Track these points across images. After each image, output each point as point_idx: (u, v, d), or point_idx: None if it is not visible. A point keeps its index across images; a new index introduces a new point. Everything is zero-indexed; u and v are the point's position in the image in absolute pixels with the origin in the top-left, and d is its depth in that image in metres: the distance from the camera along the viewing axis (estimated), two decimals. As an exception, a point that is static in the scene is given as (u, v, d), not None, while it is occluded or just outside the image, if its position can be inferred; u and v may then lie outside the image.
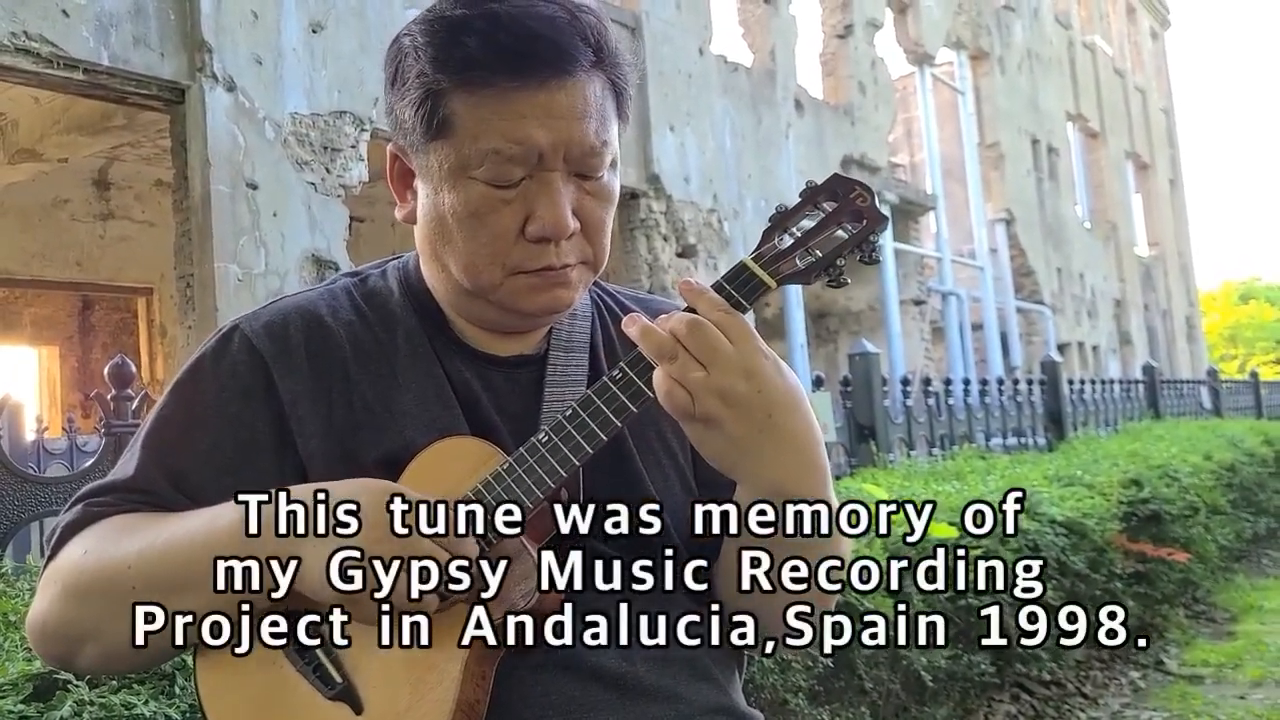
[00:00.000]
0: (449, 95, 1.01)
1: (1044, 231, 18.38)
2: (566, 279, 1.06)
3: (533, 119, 1.00)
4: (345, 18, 7.30)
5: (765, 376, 0.94)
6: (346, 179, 7.17)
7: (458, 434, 1.06)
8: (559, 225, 1.02)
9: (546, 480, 0.98)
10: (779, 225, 0.99)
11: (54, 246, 10.16)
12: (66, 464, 5.58)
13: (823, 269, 0.98)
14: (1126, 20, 25.87)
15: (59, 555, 1.05)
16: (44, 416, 9.51)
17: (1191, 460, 5.54)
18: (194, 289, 6.39)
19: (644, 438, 1.12)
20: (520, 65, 0.99)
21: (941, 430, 5.57)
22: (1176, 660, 4.42)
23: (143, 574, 0.99)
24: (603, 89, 1.05)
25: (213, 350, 1.10)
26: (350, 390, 1.08)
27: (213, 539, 0.98)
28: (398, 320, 1.12)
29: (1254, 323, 47.07)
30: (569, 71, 1.01)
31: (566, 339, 1.15)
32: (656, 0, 10.29)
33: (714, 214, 10.59)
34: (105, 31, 5.95)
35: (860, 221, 0.98)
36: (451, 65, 1.01)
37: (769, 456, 0.95)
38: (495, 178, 1.02)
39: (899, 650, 2.76)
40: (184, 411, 1.09)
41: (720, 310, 0.94)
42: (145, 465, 1.07)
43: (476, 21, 1.00)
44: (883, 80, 13.95)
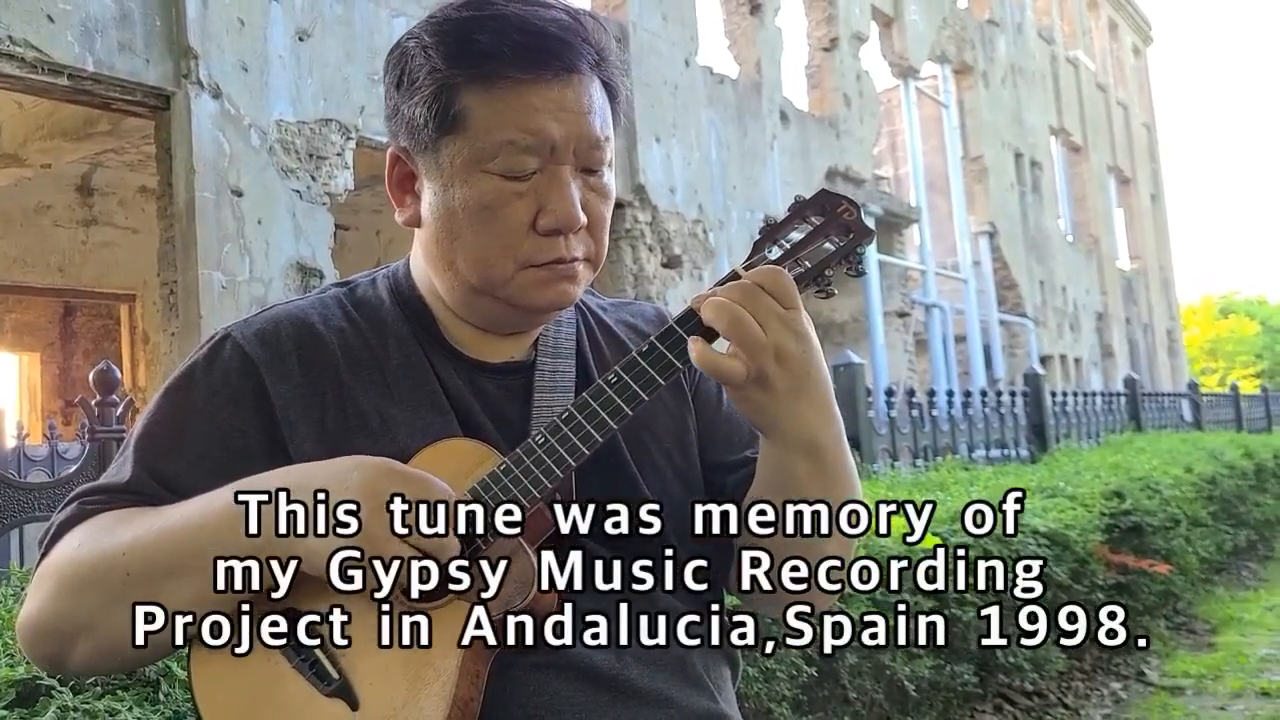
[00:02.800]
0: (462, 90, 1.04)
1: (1027, 244, 18.48)
2: (574, 273, 1.08)
3: (545, 112, 1.03)
4: (332, 25, 7.30)
5: (809, 338, 0.99)
6: (332, 187, 7.16)
7: (453, 436, 1.07)
8: (570, 217, 1.05)
9: (543, 480, 0.99)
10: (768, 237, 1.03)
11: (36, 252, 10.10)
12: (47, 471, 5.54)
13: (811, 279, 1.02)
14: (1109, 36, 26.08)
15: (52, 552, 1.05)
16: (25, 423, 9.44)
17: (1173, 472, 5.57)
18: (177, 296, 6.36)
19: (638, 441, 1.14)
20: (532, 60, 1.03)
21: (925, 442, 5.58)
22: (1157, 671, 4.44)
23: (137, 559, 0.99)
24: (601, 91, 1.09)
25: (204, 357, 1.11)
26: (343, 397, 1.09)
27: (207, 525, 0.98)
28: (389, 328, 1.13)
29: (1234, 336, 47.40)
30: (576, 69, 1.05)
31: (553, 346, 1.16)
32: (643, 12, 10.32)
33: (699, 224, 10.61)
34: (90, 37, 5.93)
35: (847, 235, 1.02)
36: (465, 60, 1.03)
37: (803, 410, 1.00)
38: (509, 169, 1.04)
39: (882, 659, 2.77)
40: (176, 417, 1.09)
41: (770, 275, 0.98)
42: (137, 469, 1.07)
43: (486, 21, 1.03)
44: (868, 93, 14.02)
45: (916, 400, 5.70)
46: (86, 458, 2.47)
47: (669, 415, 1.19)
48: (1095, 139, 23.19)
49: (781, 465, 1.04)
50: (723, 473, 1.19)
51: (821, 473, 1.04)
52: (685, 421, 1.20)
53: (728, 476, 1.19)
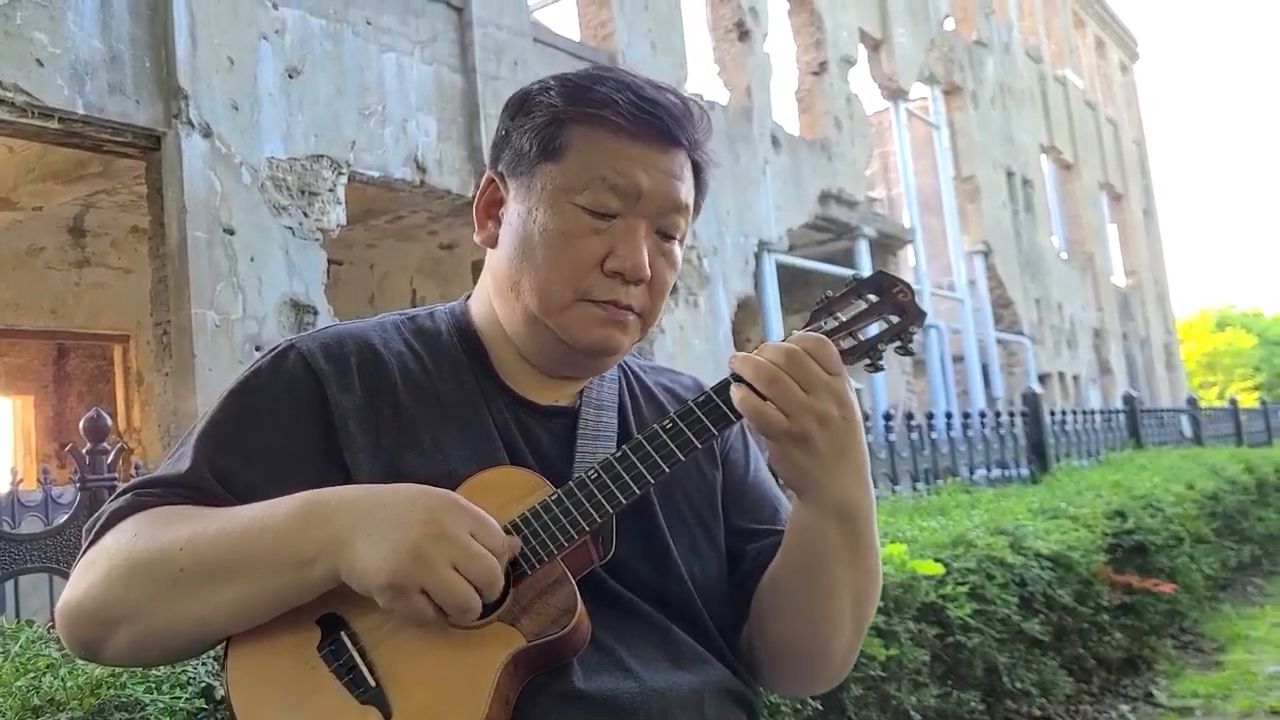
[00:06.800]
0: (572, 124, 1.12)
1: (1021, 262, 18.51)
2: (625, 321, 1.14)
3: (640, 164, 1.12)
4: (322, 62, 7.32)
5: (852, 405, 1.04)
6: (324, 222, 7.16)
7: (504, 464, 1.11)
8: (638, 265, 1.11)
9: (593, 514, 1.03)
10: (825, 310, 1.08)
11: (28, 295, 10.07)
12: (41, 517, 5.50)
13: (864, 353, 1.07)
14: (1096, 54, 26.25)
15: (104, 538, 1.06)
16: (18, 467, 9.41)
17: (1174, 490, 5.54)
18: (171, 336, 6.34)
19: (668, 498, 1.18)
20: (641, 119, 1.11)
21: (925, 464, 5.55)
22: (1166, 692, 4.39)
23: (193, 557, 1.01)
24: (691, 172, 1.17)
25: (269, 363, 1.15)
26: (399, 415, 1.12)
27: (268, 529, 1.01)
28: (445, 357, 1.19)
29: (1231, 349, 47.44)
30: (678, 142, 1.14)
31: (597, 398, 1.21)
32: (632, 40, 10.37)
33: (693, 251, 10.62)
34: (80, 80, 5.94)
35: (901, 315, 1.08)
36: (581, 101, 1.12)
37: (840, 476, 1.05)
38: (594, 204, 1.11)
39: (888, 689, 2.73)
40: (238, 416, 1.13)
41: (814, 341, 1.03)
42: (197, 463, 1.10)
43: (609, 78, 1.14)
44: (858, 115, 14.07)
45: (916, 423, 5.67)
46: (78, 507, 2.44)
47: (700, 476, 1.24)
48: (1086, 156, 23.29)
49: (814, 529, 1.08)
50: (742, 539, 1.23)
51: (853, 540, 1.09)
52: (714, 483, 1.25)
53: (747, 544, 1.23)
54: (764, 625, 1.17)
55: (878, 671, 2.61)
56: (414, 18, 8.12)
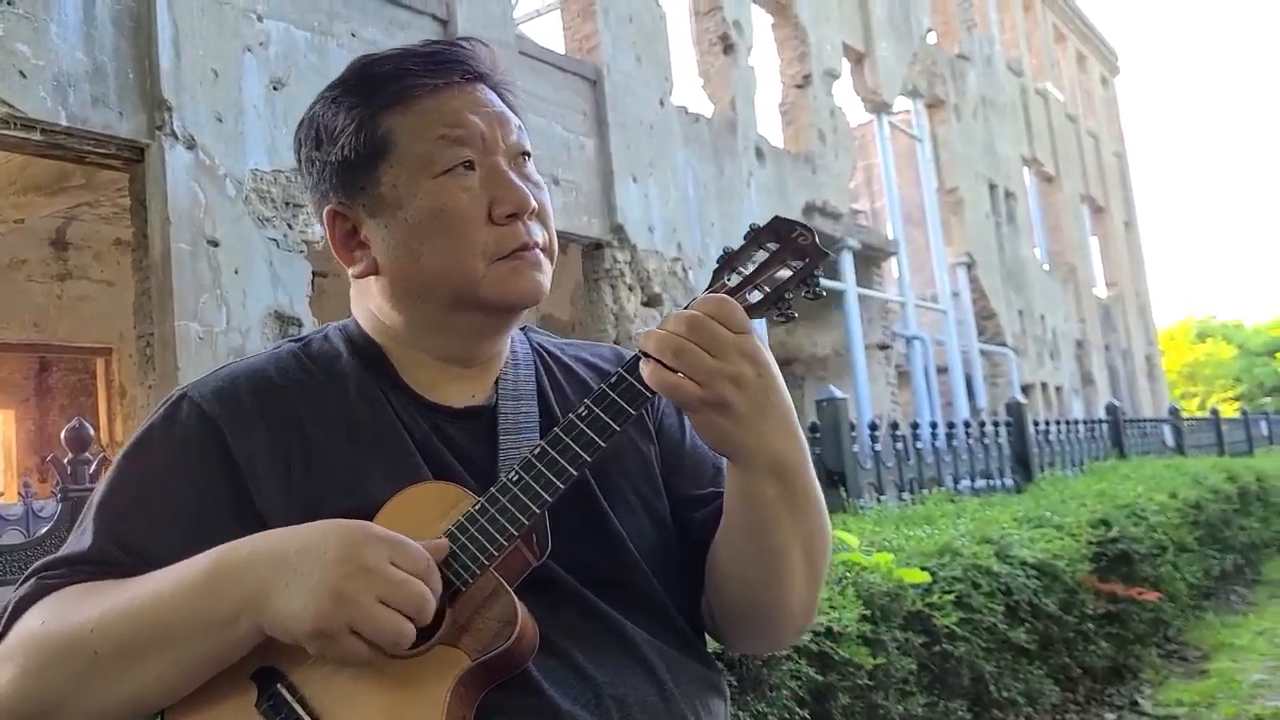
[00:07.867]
0: (382, 113, 1.09)
1: (1004, 274, 18.60)
2: (539, 261, 1.11)
3: (464, 109, 1.09)
4: (306, 74, 7.31)
5: (766, 361, 1.00)
6: (309, 234, 7.14)
7: (424, 481, 1.05)
8: (522, 198, 1.09)
9: (520, 518, 0.99)
10: (726, 265, 1.05)
11: (10, 308, 10.02)
12: (22, 530, 5.46)
13: (772, 304, 1.03)
14: (1077, 67, 26.44)
15: (13, 631, 1.01)
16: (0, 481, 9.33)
17: (1158, 499, 5.56)
18: (154, 348, 6.31)
19: (607, 478, 1.14)
20: (439, 69, 1.10)
21: (910, 474, 5.56)
22: (1151, 701, 4.41)
23: (106, 636, 0.96)
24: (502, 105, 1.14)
25: (161, 419, 1.10)
26: (309, 449, 1.07)
27: (179, 595, 0.96)
28: (348, 378, 1.13)
29: (1212, 360, 47.75)
30: (480, 76, 1.12)
31: (514, 388, 1.16)
32: (617, 53, 10.40)
33: (678, 262, 10.63)
34: (63, 91, 5.91)
35: (803, 259, 1.03)
36: (375, 90, 1.09)
37: (767, 434, 1.01)
38: (447, 164, 1.08)
39: (875, 698, 2.73)
40: (136, 481, 1.07)
41: (715, 303, 1.00)
42: (99, 536, 1.04)
43: (383, 59, 1.11)
44: (842, 128, 14.13)
45: (900, 433, 5.69)
46: (59, 518, 2.42)
47: (636, 452, 1.19)
48: (1067, 168, 23.44)
49: (749, 490, 1.04)
50: (689, 507, 1.19)
51: (792, 494, 1.05)
52: (650, 457, 1.20)
53: (694, 512, 1.19)
54: (719, 590, 1.13)
55: (865, 680, 2.60)
56: (399, 30, 8.12)
